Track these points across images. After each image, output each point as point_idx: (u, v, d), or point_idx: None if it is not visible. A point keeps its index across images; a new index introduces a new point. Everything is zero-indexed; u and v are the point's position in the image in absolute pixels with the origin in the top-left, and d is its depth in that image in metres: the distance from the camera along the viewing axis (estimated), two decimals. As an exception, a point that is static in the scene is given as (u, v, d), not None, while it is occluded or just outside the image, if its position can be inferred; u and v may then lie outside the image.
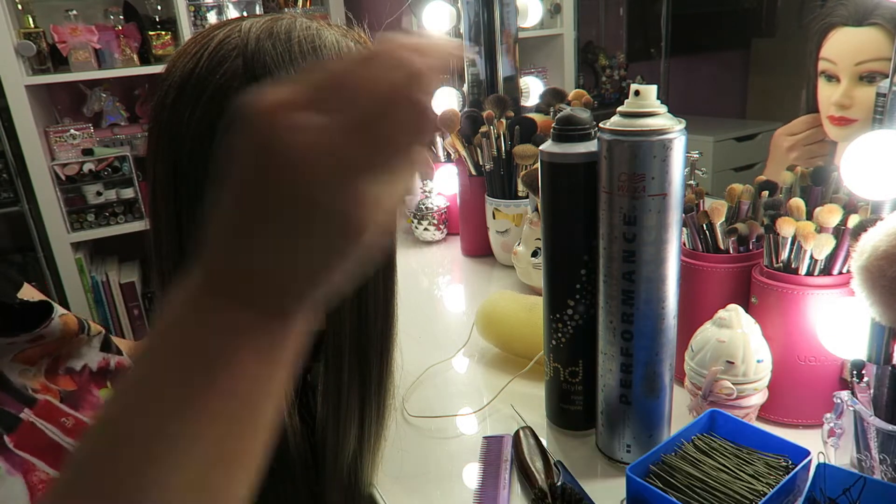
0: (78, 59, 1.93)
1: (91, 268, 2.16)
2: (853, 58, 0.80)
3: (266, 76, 0.45)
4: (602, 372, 0.61)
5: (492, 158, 1.10)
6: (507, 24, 1.33)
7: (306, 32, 0.48)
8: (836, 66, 0.82)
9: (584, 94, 1.11)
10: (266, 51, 0.46)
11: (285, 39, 0.47)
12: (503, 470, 0.62)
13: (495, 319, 0.85)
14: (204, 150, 0.46)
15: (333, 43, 0.49)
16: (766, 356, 0.61)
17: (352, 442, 0.52)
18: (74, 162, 2.00)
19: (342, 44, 0.49)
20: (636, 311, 0.57)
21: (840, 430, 0.53)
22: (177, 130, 0.46)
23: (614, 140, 0.53)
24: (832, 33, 0.83)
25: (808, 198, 0.66)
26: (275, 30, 0.47)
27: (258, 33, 0.47)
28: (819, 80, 0.86)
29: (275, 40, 0.47)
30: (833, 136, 0.86)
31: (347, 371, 0.51)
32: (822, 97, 0.86)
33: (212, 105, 0.46)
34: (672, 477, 0.52)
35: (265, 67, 0.45)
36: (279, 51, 0.46)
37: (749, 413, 0.62)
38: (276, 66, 0.46)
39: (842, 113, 0.82)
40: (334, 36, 0.49)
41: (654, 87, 0.54)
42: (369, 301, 0.51)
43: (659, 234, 0.54)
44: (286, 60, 0.46)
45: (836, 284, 0.60)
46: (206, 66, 0.46)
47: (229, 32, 0.47)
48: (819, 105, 0.88)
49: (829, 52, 0.83)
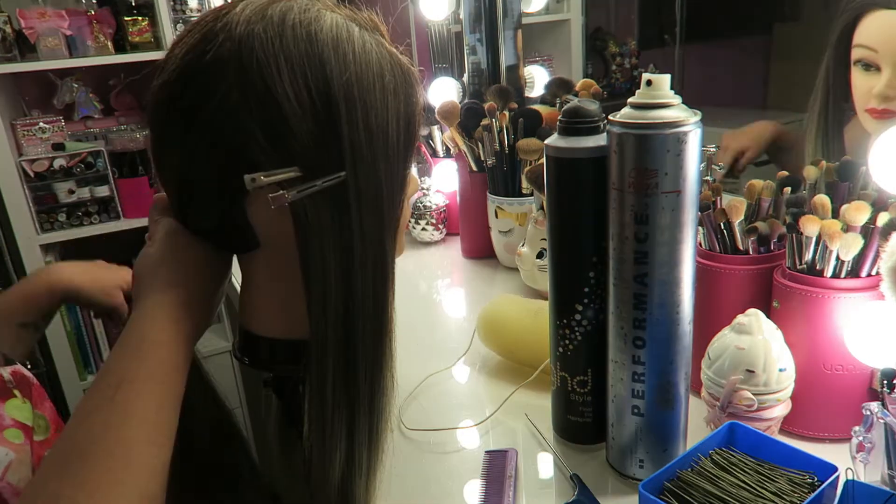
0: (47, 47, 1.93)
1: (62, 271, 2.16)
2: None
3: (253, 62, 0.46)
4: (612, 381, 0.61)
5: (494, 153, 1.10)
6: (509, 8, 1.33)
7: (303, 16, 0.48)
8: (877, 54, 0.80)
9: (593, 84, 1.11)
10: (256, 35, 0.46)
11: (278, 23, 0.47)
12: (507, 487, 0.63)
13: (498, 325, 0.85)
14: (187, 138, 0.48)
15: (332, 27, 0.48)
16: (789, 364, 0.61)
17: (339, 464, 0.52)
18: (44, 157, 1.99)
19: (342, 29, 0.49)
20: (649, 317, 0.57)
21: (870, 444, 0.53)
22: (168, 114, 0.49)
23: (625, 133, 0.54)
24: (867, 17, 0.82)
25: (834, 194, 0.66)
26: (269, 13, 0.48)
27: (250, 16, 0.47)
28: (854, 69, 0.85)
29: (266, 24, 0.47)
30: (872, 131, 0.84)
31: (332, 387, 0.51)
32: (859, 88, 0.84)
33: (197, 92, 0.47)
34: (688, 494, 0.52)
35: (252, 52, 0.46)
36: (269, 35, 0.46)
37: (771, 426, 0.62)
38: (264, 51, 0.46)
39: (885, 105, 0.80)
40: (335, 19, 0.49)
41: (668, 77, 0.54)
42: (356, 314, 0.51)
43: (673, 234, 0.54)
44: (276, 46, 0.46)
45: (865, 287, 0.60)
46: (197, 53, 0.47)
47: (222, 15, 0.48)
48: (854, 97, 0.86)
49: (867, 38, 0.81)
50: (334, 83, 0.47)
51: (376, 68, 0.50)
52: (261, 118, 0.46)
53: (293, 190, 0.47)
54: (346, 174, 0.48)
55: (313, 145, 0.47)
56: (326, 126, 0.47)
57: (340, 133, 0.47)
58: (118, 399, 0.44)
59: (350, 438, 0.52)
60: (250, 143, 0.46)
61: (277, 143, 0.47)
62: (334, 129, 0.47)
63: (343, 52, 0.48)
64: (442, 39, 1.57)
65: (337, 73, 0.47)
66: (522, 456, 0.68)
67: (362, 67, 0.49)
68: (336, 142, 0.48)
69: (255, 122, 0.46)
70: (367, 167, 0.49)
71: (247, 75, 0.46)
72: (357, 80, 0.48)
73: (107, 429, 0.43)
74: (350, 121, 0.48)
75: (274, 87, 0.46)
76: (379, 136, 0.49)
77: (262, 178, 0.46)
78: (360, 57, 0.49)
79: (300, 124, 0.46)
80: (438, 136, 1.37)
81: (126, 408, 0.44)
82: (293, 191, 0.47)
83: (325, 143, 0.47)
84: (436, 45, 1.59)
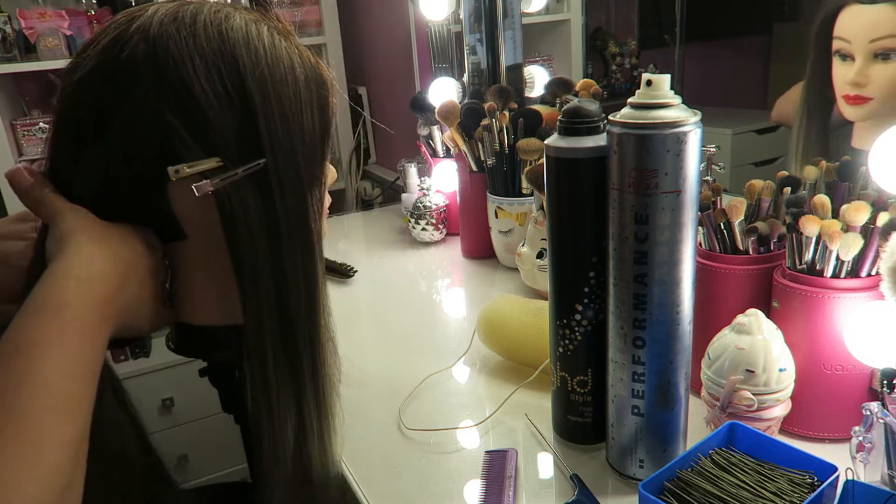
0: (47, 47, 1.93)
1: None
2: (868, 35, 0.84)
3: (169, 61, 0.48)
4: (612, 381, 0.61)
5: (494, 153, 1.11)
6: (509, 8, 1.34)
7: (214, 17, 0.51)
8: (851, 45, 0.86)
9: (593, 84, 1.11)
10: (170, 35, 0.49)
11: (190, 23, 0.50)
12: (507, 487, 0.63)
13: (498, 325, 0.85)
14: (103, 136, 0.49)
15: (241, 26, 0.51)
16: (789, 364, 0.61)
17: (291, 435, 0.55)
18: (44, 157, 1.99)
19: (251, 27, 0.52)
20: (649, 317, 0.57)
21: (870, 444, 0.53)
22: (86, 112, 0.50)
23: (625, 133, 0.54)
24: (844, 11, 0.87)
25: (833, 194, 0.66)
26: (180, 14, 0.50)
27: (163, 17, 0.50)
28: (834, 59, 0.90)
29: (179, 24, 0.49)
30: (848, 116, 0.91)
31: (273, 365, 0.53)
32: (837, 77, 0.90)
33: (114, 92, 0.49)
34: (688, 494, 0.52)
35: (168, 52, 0.48)
36: (183, 35, 0.49)
37: (771, 426, 0.62)
38: (179, 50, 0.48)
39: (857, 91, 0.87)
40: (244, 20, 0.52)
41: (668, 77, 0.54)
42: (289, 293, 0.53)
43: (673, 234, 0.54)
44: (190, 45, 0.49)
45: (865, 287, 0.60)
46: (112, 53, 0.49)
47: (134, 18, 0.50)
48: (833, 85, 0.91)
49: (842, 30, 0.88)
50: (248, 77, 0.50)
51: (286, 62, 0.52)
52: (181, 113, 0.48)
53: (216, 178, 0.49)
54: (266, 161, 0.50)
55: (232, 136, 0.50)
56: (243, 117, 0.50)
57: (257, 123, 0.50)
58: (15, 365, 0.41)
59: (299, 410, 0.55)
60: (172, 138, 0.49)
61: (198, 136, 0.49)
62: (251, 119, 0.50)
63: (254, 47, 0.51)
64: (442, 39, 1.58)
65: (250, 67, 0.50)
66: (522, 456, 0.69)
67: (273, 61, 0.51)
68: (254, 131, 0.50)
69: (175, 118, 0.48)
70: (286, 153, 0.52)
71: (164, 73, 0.48)
72: (270, 73, 0.51)
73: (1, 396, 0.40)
74: (266, 111, 0.50)
75: (191, 84, 0.48)
76: (295, 124, 0.52)
77: (185, 169, 0.49)
78: (270, 52, 0.52)
79: (219, 117, 0.49)
80: (438, 136, 1.37)
81: (23, 374, 0.40)
82: (216, 179, 0.49)
83: (243, 133, 0.50)
84: (436, 45, 1.59)
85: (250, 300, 0.52)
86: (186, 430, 2.03)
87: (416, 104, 1.39)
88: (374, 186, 2.18)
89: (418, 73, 1.82)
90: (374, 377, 0.87)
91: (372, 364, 0.91)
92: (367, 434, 0.75)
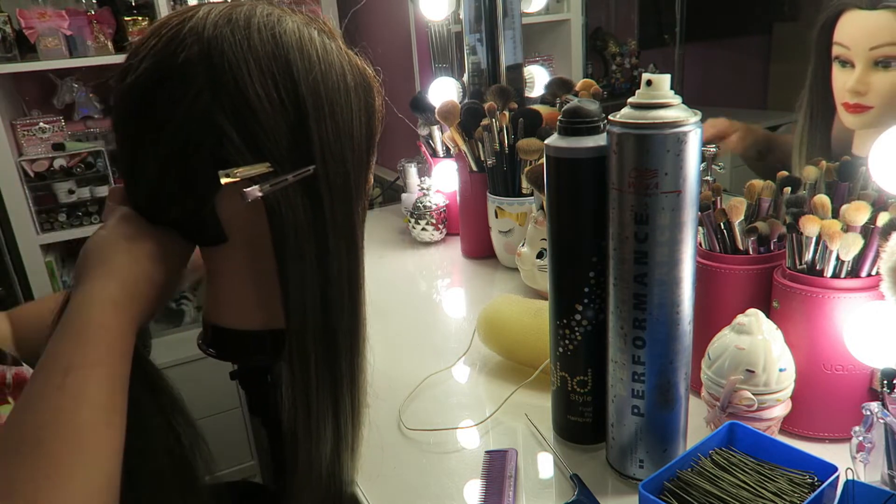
0: (47, 47, 1.93)
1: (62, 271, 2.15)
2: (867, 42, 0.82)
3: (224, 64, 0.48)
4: (612, 381, 0.61)
5: (494, 153, 1.11)
6: (509, 8, 1.33)
7: (267, 20, 0.50)
8: (850, 52, 0.83)
9: (593, 84, 1.11)
10: (224, 37, 0.48)
11: (244, 26, 0.49)
12: (507, 487, 0.63)
13: (498, 325, 0.85)
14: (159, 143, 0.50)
15: (294, 31, 0.51)
16: (789, 364, 0.61)
17: (328, 442, 0.55)
18: (44, 157, 1.99)
19: (304, 32, 0.52)
20: (649, 317, 0.57)
21: (870, 444, 0.53)
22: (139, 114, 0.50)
23: (625, 133, 0.54)
24: (844, 16, 0.85)
25: (833, 194, 0.66)
26: (233, 16, 0.50)
27: (216, 19, 0.49)
28: (834, 65, 0.88)
29: (233, 26, 0.49)
30: (848, 124, 0.88)
31: (315, 370, 0.53)
32: (836, 83, 0.88)
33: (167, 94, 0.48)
34: (688, 494, 0.52)
35: (223, 55, 0.48)
36: (238, 38, 0.49)
37: (771, 426, 0.62)
38: (234, 53, 0.48)
39: (857, 100, 0.84)
40: (296, 24, 0.52)
41: (668, 77, 0.54)
42: (333, 298, 0.53)
43: (673, 234, 0.54)
44: (244, 48, 0.48)
45: (865, 287, 0.60)
46: (165, 55, 0.49)
47: (187, 19, 0.50)
48: (833, 92, 0.89)
49: (841, 36, 0.85)
50: (301, 83, 0.50)
51: (338, 68, 0.52)
52: (233, 117, 0.48)
53: (266, 184, 0.49)
54: (317, 167, 0.50)
55: (284, 141, 0.49)
56: (296, 123, 0.50)
57: (309, 129, 0.50)
58: (68, 385, 0.43)
59: (336, 418, 0.55)
60: (223, 141, 0.48)
61: (250, 141, 0.49)
62: (303, 125, 0.50)
63: (307, 53, 0.51)
64: (442, 39, 1.57)
65: (303, 73, 0.50)
66: (522, 456, 0.68)
67: (326, 67, 0.51)
68: (305, 137, 0.50)
69: (227, 121, 0.48)
70: (336, 160, 0.52)
71: (218, 76, 0.48)
72: (322, 79, 0.51)
73: (59, 414, 0.42)
74: (318, 117, 0.50)
75: (245, 88, 0.48)
76: (345, 131, 0.52)
77: (236, 173, 0.48)
78: (323, 58, 0.52)
79: (271, 122, 0.49)
80: (438, 136, 1.37)
81: (76, 393, 0.43)
82: (266, 185, 0.49)
83: (294, 139, 0.50)
84: (436, 45, 1.59)
85: (295, 305, 0.52)
86: (186, 430, 2.04)
87: (416, 104, 1.39)
88: (374, 186, 2.18)
89: (418, 73, 1.82)
90: (374, 377, 0.86)
91: (372, 364, 0.91)
92: (368, 434, 0.74)
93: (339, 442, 0.56)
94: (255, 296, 0.56)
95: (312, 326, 0.53)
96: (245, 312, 0.57)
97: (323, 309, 0.53)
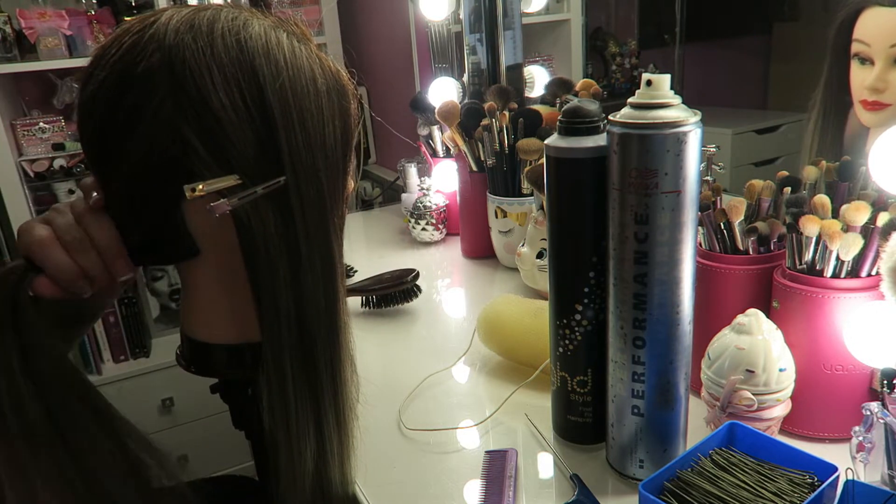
0: (47, 47, 1.93)
1: (62, 272, 2.16)
2: (888, 39, 0.82)
3: (185, 72, 0.46)
4: (612, 381, 0.61)
5: (494, 153, 1.11)
6: (509, 8, 1.33)
7: (231, 24, 0.48)
8: (870, 49, 0.84)
9: (593, 84, 1.11)
10: (186, 44, 0.46)
11: (207, 32, 0.47)
12: (507, 487, 0.63)
13: (498, 325, 0.85)
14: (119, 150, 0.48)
15: (260, 35, 0.49)
16: (789, 364, 0.61)
17: (311, 456, 0.53)
18: (44, 157, 1.99)
19: (271, 36, 0.49)
20: (649, 317, 0.57)
21: (870, 444, 0.53)
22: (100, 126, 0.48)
23: (625, 133, 0.54)
24: (864, 13, 0.85)
25: (833, 194, 0.66)
26: (196, 22, 0.48)
27: (178, 26, 0.47)
28: (852, 62, 0.88)
29: (196, 33, 0.47)
30: (865, 122, 0.88)
31: (293, 384, 0.51)
32: (855, 81, 0.88)
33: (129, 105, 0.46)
34: (688, 494, 0.52)
35: (184, 63, 0.46)
36: (200, 44, 0.47)
37: (771, 426, 0.62)
38: (196, 61, 0.46)
39: (875, 97, 0.84)
40: (263, 27, 0.49)
41: (668, 77, 0.54)
42: (309, 311, 0.51)
43: (673, 234, 0.54)
44: (207, 55, 0.46)
45: (865, 287, 0.60)
46: (126, 64, 0.47)
47: (148, 25, 0.48)
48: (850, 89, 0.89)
49: (862, 33, 0.85)
50: (268, 90, 0.47)
51: (308, 73, 0.50)
52: (198, 127, 0.46)
53: (234, 197, 0.47)
54: (287, 178, 0.48)
55: (252, 152, 0.47)
56: (263, 133, 0.47)
57: (278, 139, 0.48)
58: None
59: (319, 430, 0.53)
60: (188, 153, 0.46)
61: (216, 152, 0.47)
62: (271, 135, 0.48)
63: (274, 58, 0.48)
64: (442, 39, 1.58)
65: (270, 79, 0.48)
66: (522, 456, 0.68)
67: (294, 72, 0.49)
68: (274, 147, 0.48)
69: (192, 132, 0.46)
70: (307, 170, 0.49)
71: (180, 85, 0.46)
72: (291, 85, 0.48)
73: None
74: (286, 126, 0.48)
75: (209, 97, 0.46)
76: (316, 139, 0.50)
77: (201, 188, 0.46)
78: (291, 62, 0.49)
79: (237, 132, 0.47)
80: (438, 136, 1.37)
81: None
82: (234, 198, 0.47)
83: (263, 149, 0.48)
84: (436, 45, 1.59)
85: (269, 319, 0.50)
86: (186, 430, 2.04)
87: (416, 104, 1.39)
88: (374, 186, 2.18)
89: (418, 73, 1.82)
90: (373, 377, 0.87)
91: (372, 364, 0.91)
92: (367, 434, 0.74)
93: (323, 455, 0.54)
94: (230, 309, 0.54)
95: (288, 340, 0.51)
96: (221, 326, 0.55)
97: (298, 322, 0.51)
